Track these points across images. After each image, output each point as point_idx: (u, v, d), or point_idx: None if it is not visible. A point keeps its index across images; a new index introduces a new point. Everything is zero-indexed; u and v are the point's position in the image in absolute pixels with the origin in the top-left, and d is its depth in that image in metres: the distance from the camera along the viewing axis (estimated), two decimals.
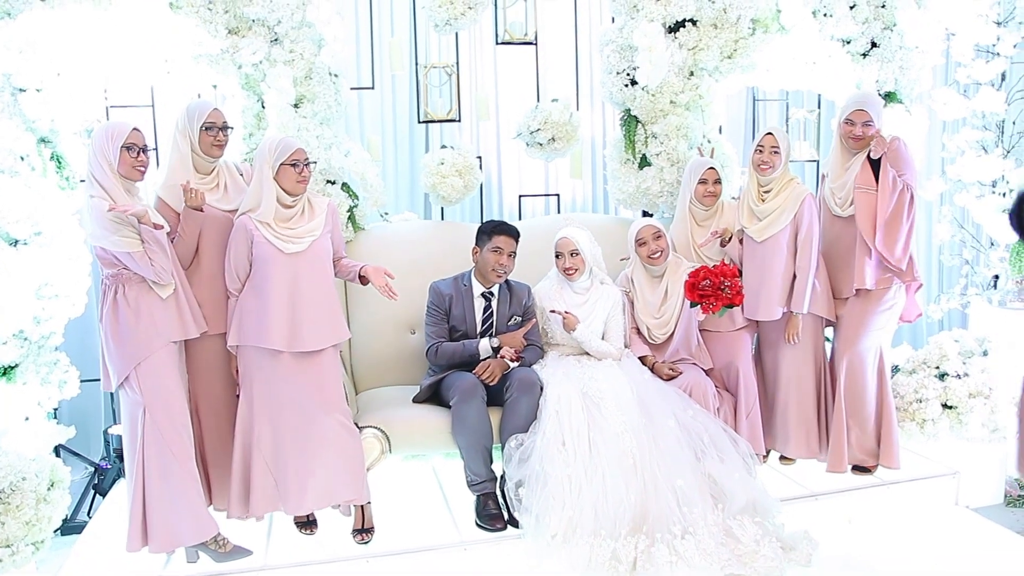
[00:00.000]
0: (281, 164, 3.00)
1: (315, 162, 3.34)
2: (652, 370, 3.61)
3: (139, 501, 2.92)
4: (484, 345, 3.46)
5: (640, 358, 3.67)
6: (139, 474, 2.91)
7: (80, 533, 3.44)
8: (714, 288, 3.31)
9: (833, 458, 3.70)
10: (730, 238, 3.71)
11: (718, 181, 3.77)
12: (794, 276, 3.62)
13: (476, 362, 3.44)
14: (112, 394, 3.77)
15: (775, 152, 3.59)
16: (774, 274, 3.61)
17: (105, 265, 2.87)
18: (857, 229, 3.55)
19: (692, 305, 3.45)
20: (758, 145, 3.64)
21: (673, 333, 3.68)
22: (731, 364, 3.69)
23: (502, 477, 3.35)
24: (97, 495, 3.92)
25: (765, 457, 3.81)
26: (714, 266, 3.42)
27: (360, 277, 3.20)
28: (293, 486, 3.08)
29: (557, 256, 3.66)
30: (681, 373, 3.59)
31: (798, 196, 3.59)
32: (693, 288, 3.33)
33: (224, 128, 3.09)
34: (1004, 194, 4.46)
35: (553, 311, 3.58)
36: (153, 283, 2.86)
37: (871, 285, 3.57)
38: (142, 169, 2.88)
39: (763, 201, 3.65)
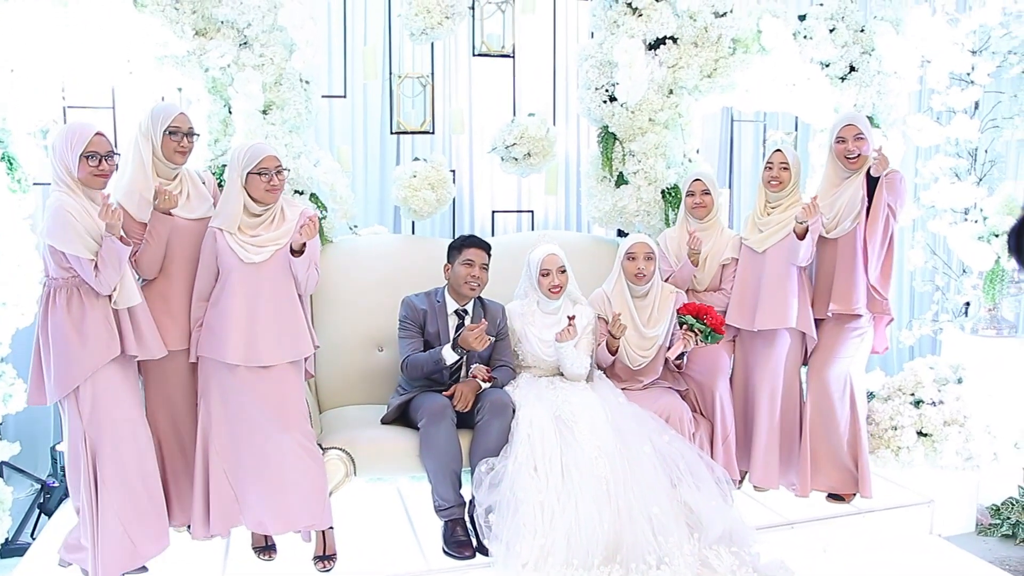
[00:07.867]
0: (248, 173, 2.89)
1: (287, 169, 3.16)
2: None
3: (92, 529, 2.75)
4: (448, 353, 3.30)
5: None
6: (91, 503, 2.75)
7: (22, 556, 3.24)
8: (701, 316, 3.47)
9: (800, 483, 3.68)
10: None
11: (707, 192, 3.74)
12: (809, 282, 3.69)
13: (445, 370, 3.35)
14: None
15: (784, 168, 3.64)
16: (773, 285, 3.58)
17: (56, 265, 2.67)
18: (841, 251, 3.60)
19: (680, 323, 3.52)
20: (767, 162, 3.68)
21: (652, 362, 3.62)
22: (707, 387, 3.63)
23: (471, 502, 3.23)
24: (43, 515, 3.73)
25: (740, 482, 3.74)
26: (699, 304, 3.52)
27: (292, 251, 2.95)
28: (251, 506, 2.97)
29: (544, 274, 3.52)
30: None
31: None
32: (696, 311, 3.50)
33: (189, 134, 2.94)
34: (977, 221, 4.47)
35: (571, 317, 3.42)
36: (111, 292, 2.69)
37: (860, 309, 3.58)
38: (103, 178, 2.72)
39: (768, 215, 3.68)
